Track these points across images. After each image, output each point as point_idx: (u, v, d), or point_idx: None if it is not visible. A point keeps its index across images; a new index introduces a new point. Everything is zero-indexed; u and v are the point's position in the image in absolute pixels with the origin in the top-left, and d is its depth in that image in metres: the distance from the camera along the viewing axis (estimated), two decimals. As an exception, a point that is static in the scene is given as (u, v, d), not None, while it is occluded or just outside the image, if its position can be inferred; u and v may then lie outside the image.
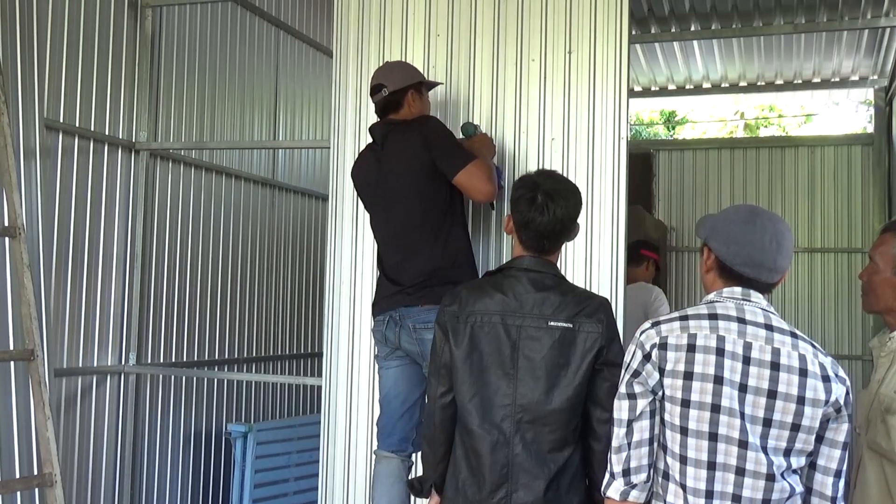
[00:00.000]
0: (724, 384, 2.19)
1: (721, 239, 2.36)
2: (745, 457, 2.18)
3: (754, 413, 2.19)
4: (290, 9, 7.17)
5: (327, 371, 4.33)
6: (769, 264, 2.32)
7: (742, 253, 2.31)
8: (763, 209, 2.41)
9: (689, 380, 2.22)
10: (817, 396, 2.19)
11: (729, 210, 2.44)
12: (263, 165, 6.85)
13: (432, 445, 2.89)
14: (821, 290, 8.16)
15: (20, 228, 4.00)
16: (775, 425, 2.18)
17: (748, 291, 2.33)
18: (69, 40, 4.97)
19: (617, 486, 2.34)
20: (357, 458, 4.22)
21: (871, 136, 8.28)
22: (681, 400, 2.23)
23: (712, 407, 2.20)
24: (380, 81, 3.77)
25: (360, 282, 4.28)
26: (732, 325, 2.25)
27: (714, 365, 2.21)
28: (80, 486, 5.04)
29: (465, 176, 3.50)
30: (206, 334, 6.11)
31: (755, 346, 2.22)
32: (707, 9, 6.47)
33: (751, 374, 2.20)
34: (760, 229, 2.32)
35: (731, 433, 2.18)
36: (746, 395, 2.19)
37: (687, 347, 2.24)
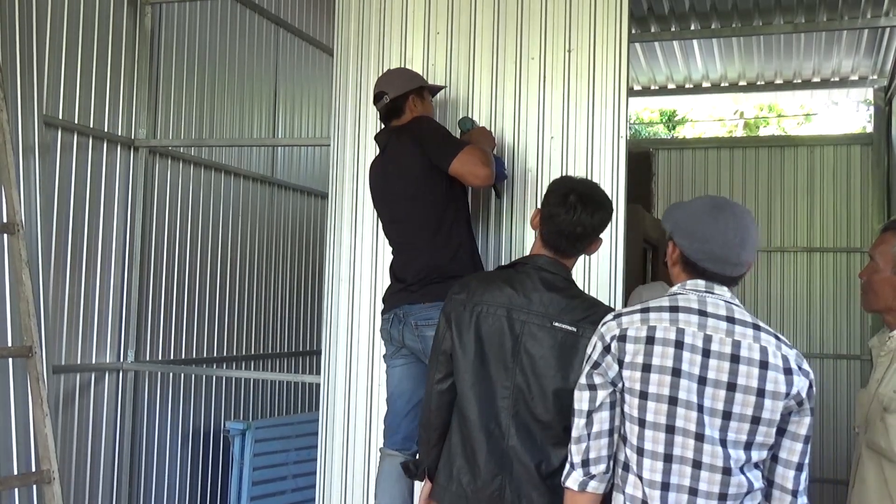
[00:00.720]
0: (682, 377, 2.20)
1: (685, 234, 2.35)
2: (702, 450, 2.18)
3: (713, 406, 2.18)
4: (290, 6, 7.16)
5: (326, 369, 4.33)
6: (733, 259, 2.31)
7: (705, 249, 2.31)
8: (728, 202, 2.39)
9: (647, 372, 2.23)
10: (777, 389, 2.19)
11: (694, 203, 2.42)
12: (263, 163, 6.85)
13: (427, 429, 2.92)
14: (820, 289, 8.16)
15: (19, 225, 4.00)
16: (735, 418, 2.18)
17: (711, 284, 2.33)
18: (68, 37, 4.96)
19: (576, 477, 2.35)
20: (355, 455, 4.22)
21: (870, 136, 8.28)
22: (639, 392, 2.24)
23: (669, 399, 2.20)
24: (381, 89, 3.81)
25: (359, 279, 4.28)
26: (693, 318, 2.25)
27: (672, 357, 2.21)
28: (79, 483, 5.04)
29: (458, 164, 3.50)
30: (205, 331, 6.10)
31: (715, 339, 2.22)
32: (707, 8, 6.47)
33: (710, 366, 2.20)
34: (724, 225, 2.30)
35: (688, 426, 2.19)
36: (706, 388, 2.19)
37: (646, 340, 2.25)
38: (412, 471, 3.06)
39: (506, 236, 4.05)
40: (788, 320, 8.15)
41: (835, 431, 7.95)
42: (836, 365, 8.05)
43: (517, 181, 4.05)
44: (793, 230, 8.23)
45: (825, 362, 8.06)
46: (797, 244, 8.21)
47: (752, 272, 8.21)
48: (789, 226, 8.23)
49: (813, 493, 7.62)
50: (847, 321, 8.06)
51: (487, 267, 3.94)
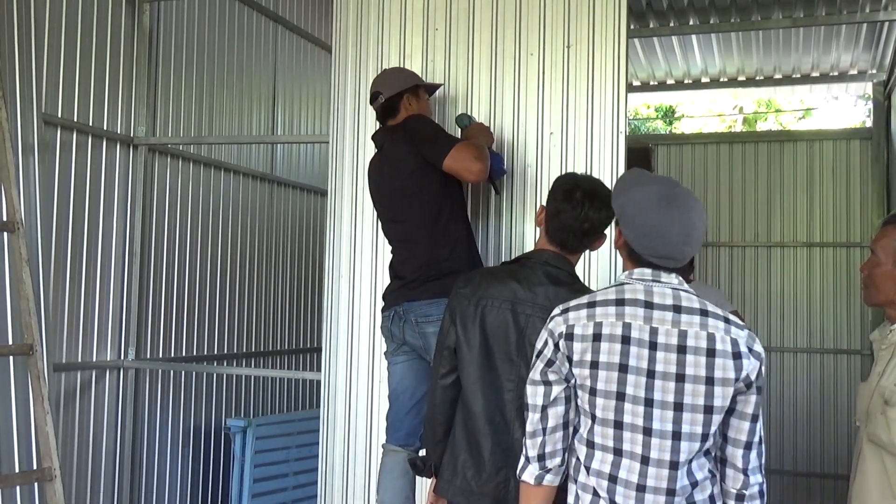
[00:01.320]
0: (629, 372, 2.20)
1: (630, 226, 2.32)
2: (650, 444, 2.18)
3: (664, 398, 2.18)
4: (289, 4, 7.16)
5: (326, 366, 4.33)
6: (676, 256, 2.29)
7: (649, 245, 2.29)
8: (677, 194, 2.32)
9: (595, 369, 2.24)
10: (726, 375, 2.19)
11: (642, 191, 2.33)
12: (262, 160, 6.85)
13: (432, 425, 2.93)
14: (820, 284, 8.15)
15: (19, 223, 4.00)
16: (687, 409, 2.18)
17: (658, 272, 2.31)
18: (67, 35, 4.96)
19: (532, 471, 2.36)
20: (356, 452, 4.22)
21: (869, 131, 8.27)
22: (589, 388, 2.26)
23: (617, 395, 2.21)
24: (377, 89, 3.83)
25: (359, 277, 4.28)
26: (639, 311, 2.24)
27: (619, 353, 2.21)
28: (80, 481, 5.04)
29: (451, 160, 3.50)
30: (206, 329, 6.11)
31: (661, 331, 2.22)
32: (705, 3, 6.47)
33: (657, 359, 2.20)
34: (669, 221, 2.26)
35: (635, 421, 2.19)
36: (655, 381, 2.19)
37: (592, 337, 2.25)
38: (420, 467, 3.07)
39: (505, 232, 4.05)
40: (788, 315, 8.16)
41: (835, 426, 7.95)
42: (836, 360, 8.05)
43: (516, 177, 4.05)
44: (792, 225, 8.23)
45: (825, 357, 8.06)
46: (797, 239, 8.21)
47: (753, 267, 8.25)
48: (789, 221, 8.23)
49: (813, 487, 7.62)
50: (847, 316, 8.05)
51: (486, 263, 3.94)
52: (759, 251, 8.28)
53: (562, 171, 3.97)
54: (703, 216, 2.34)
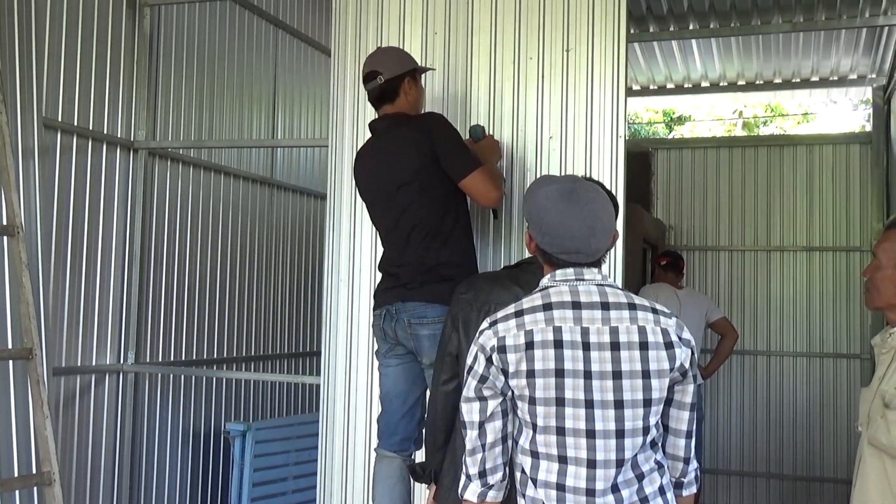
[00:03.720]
0: (565, 376, 2.18)
1: (536, 227, 2.33)
2: (595, 447, 2.17)
3: (604, 398, 2.17)
4: (289, 7, 7.17)
5: (326, 370, 4.33)
6: (584, 250, 2.28)
7: (555, 242, 2.29)
8: (575, 188, 2.32)
9: (531, 377, 2.20)
10: (661, 367, 2.21)
11: (542, 193, 2.34)
12: (262, 164, 6.85)
13: (433, 431, 2.91)
14: (819, 288, 8.16)
15: (19, 227, 4.01)
16: (628, 405, 2.18)
17: (581, 270, 2.30)
18: (67, 39, 4.96)
19: (474, 489, 2.32)
20: (355, 456, 4.22)
21: (869, 135, 8.27)
22: (528, 398, 2.21)
23: (556, 401, 2.18)
24: (374, 68, 3.65)
25: (359, 280, 4.28)
26: (568, 313, 2.22)
27: (554, 359, 2.19)
28: (79, 485, 5.04)
29: (472, 181, 3.47)
30: (205, 333, 6.11)
31: (592, 330, 2.20)
32: (705, 7, 6.47)
33: (592, 359, 2.18)
34: (569, 216, 2.26)
35: (577, 425, 2.17)
36: (593, 382, 2.18)
37: (525, 346, 2.21)
38: (419, 473, 3.05)
39: (504, 237, 4.05)
40: (788, 320, 8.16)
41: (834, 431, 7.95)
42: (836, 364, 8.05)
43: (515, 181, 4.05)
44: (792, 229, 8.23)
45: (825, 361, 8.06)
46: (796, 243, 8.21)
47: (752, 271, 8.25)
48: (788, 225, 8.24)
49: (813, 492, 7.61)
50: (847, 320, 8.06)
51: (483, 268, 3.92)
52: (759, 255, 8.28)
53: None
54: (606, 206, 2.33)
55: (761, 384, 8.17)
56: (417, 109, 3.74)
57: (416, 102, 3.73)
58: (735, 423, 8.13)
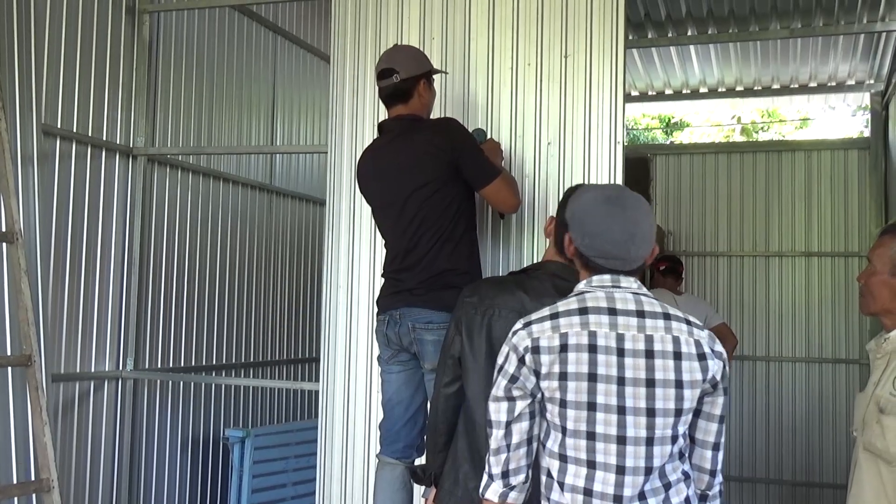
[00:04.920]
0: (598, 381, 2.18)
1: (577, 229, 2.34)
2: (625, 453, 2.17)
3: (636, 405, 2.17)
4: (288, 14, 7.18)
5: (324, 376, 4.33)
6: (622, 256, 2.28)
7: (595, 245, 2.29)
8: (621, 195, 2.35)
9: (564, 380, 2.20)
10: (694, 378, 2.20)
11: (585, 197, 2.38)
12: (261, 170, 6.86)
13: (434, 434, 2.91)
14: (818, 293, 8.16)
15: (18, 234, 4.01)
16: (659, 414, 2.17)
17: (617, 277, 2.30)
18: (67, 45, 4.97)
19: (495, 489, 2.31)
20: (354, 463, 4.22)
21: (867, 141, 8.29)
22: (559, 400, 2.21)
23: (588, 405, 2.18)
24: (391, 65, 3.58)
25: (357, 287, 4.28)
26: (603, 319, 2.22)
27: (587, 363, 2.19)
28: (78, 492, 5.03)
29: (493, 189, 3.49)
30: (204, 339, 6.11)
31: (628, 337, 2.20)
32: (703, 13, 6.49)
33: (626, 365, 2.19)
34: (611, 220, 2.28)
35: (608, 430, 2.18)
36: (625, 388, 2.18)
37: (559, 349, 2.22)
38: (420, 476, 3.05)
39: (503, 243, 4.05)
40: (786, 325, 8.16)
41: (834, 436, 7.95)
42: (834, 369, 8.05)
43: (515, 187, 4.05)
44: (790, 235, 8.24)
45: (823, 367, 8.06)
46: (795, 249, 8.22)
47: (751, 276, 8.25)
48: (787, 230, 8.25)
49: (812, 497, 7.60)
50: (845, 325, 8.06)
51: (485, 272, 3.93)
52: (758, 261, 8.29)
53: (559, 181, 3.98)
54: (649, 217, 2.34)
55: (760, 390, 8.17)
56: (429, 112, 3.71)
57: (429, 105, 3.69)
58: (734, 429, 8.12)
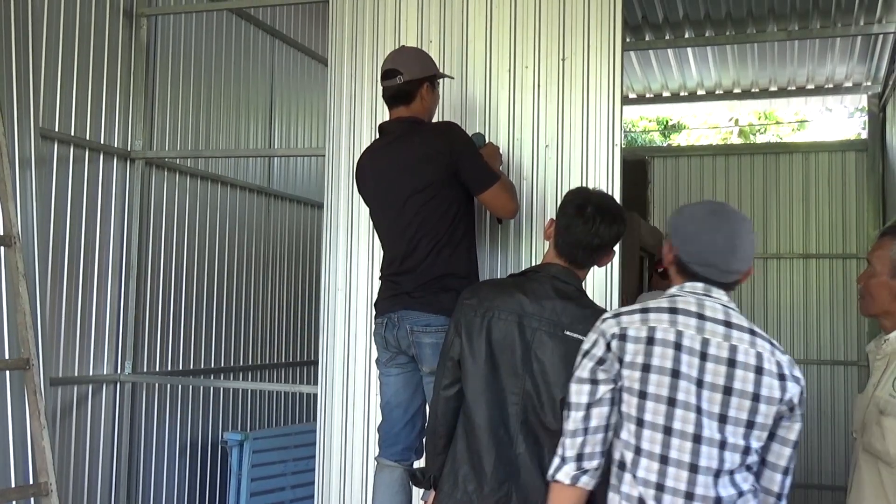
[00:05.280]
0: (681, 378, 2.22)
1: (680, 236, 2.39)
2: (699, 452, 2.20)
3: (710, 409, 2.21)
4: (285, 18, 7.18)
5: (323, 379, 4.33)
6: (722, 266, 2.34)
7: (695, 252, 2.35)
8: (726, 209, 2.44)
9: (646, 372, 2.25)
10: (772, 394, 2.22)
11: (693, 207, 2.47)
12: (259, 173, 6.86)
13: (433, 436, 2.91)
14: (816, 295, 8.17)
15: (16, 237, 4.01)
16: (731, 422, 2.21)
17: (709, 287, 2.35)
18: (64, 49, 4.97)
19: (567, 471, 2.33)
20: (353, 465, 4.22)
21: (864, 143, 8.31)
22: (638, 391, 2.26)
23: (668, 400, 2.23)
24: (395, 66, 3.58)
25: (355, 289, 4.28)
26: (691, 321, 2.27)
27: (672, 359, 2.24)
28: (76, 496, 5.03)
29: (492, 194, 3.50)
30: (202, 343, 6.10)
31: (713, 343, 2.25)
32: (701, 16, 6.50)
33: (707, 370, 2.23)
34: (715, 230, 2.35)
35: (685, 427, 2.21)
36: (703, 391, 2.22)
37: (646, 340, 2.27)
38: (419, 479, 3.05)
39: (500, 245, 4.05)
40: (785, 326, 8.16)
41: (832, 438, 7.95)
42: (832, 371, 8.06)
43: (513, 190, 4.05)
44: (788, 237, 8.25)
45: (822, 368, 8.07)
46: (793, 251, 8.22)
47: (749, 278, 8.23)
48: (785, 232, 8.25)
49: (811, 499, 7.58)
50: (843, 327, 8.07)
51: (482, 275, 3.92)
52: (756, 263, 8.24)
53: (557, 184, 3.99)
54: (751, 234, 2.40)
55: (759, 391, 8.15)
56: (431, 115, 3.71)
57: (431, 108, 3.69)
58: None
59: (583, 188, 3.01)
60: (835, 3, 6.13)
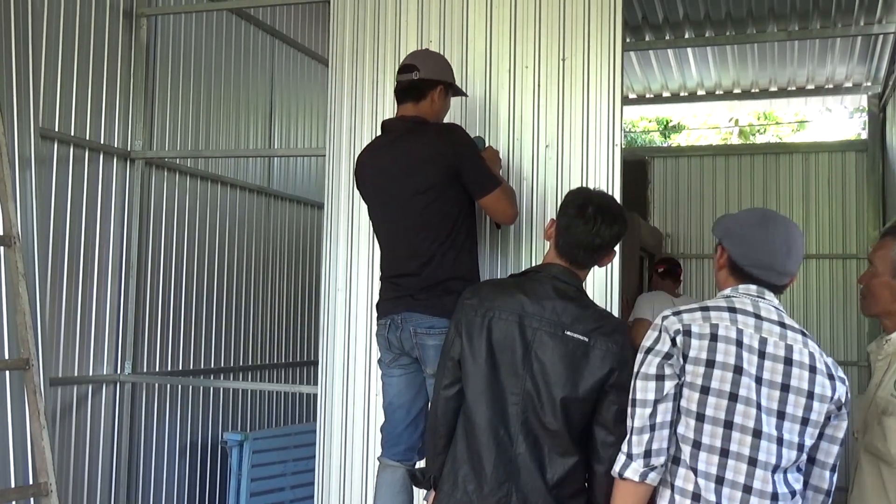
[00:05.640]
0: (742, 374, 2.29)
1: (734, 240, 2.48)
2: (759, 447, 2.26)
3: (769, 405, 2.28)
4: (286, 18, 7.18)
5: (323, 379, 4.33)
6: (778, 267, 2.43)
7: (752, 255, 2.44)
8: (776, 214, 2.54)
9: (710, 367, 2.31)
10: (825, 392, 2.31)
11: (744, 213, 2.59)
12: (259, 174, 6.86)
13: (433, 436, 2.90)
14: (816, 295, 8.17)
15: (15, 237, 4.01)
16: (788, 418, 2.28)
17: (762, 290, 2.44)
18: (64, 49, 4.97)
19: (636, 468, 2.35)
20: (353, 466, 4.22)
21: (864, 143, 8.31)
22: (700, 387, 2.31)
23: (730, 395, 2.28)
24: (414, 62, 3.60)
25: (356, 290, 4.28)
26: (750, 320, 2.35)
27: (734, 355, 2.30)
28: (76, 496, 5.02)
29: (492, 199, 3.50)
30: (202, 343, 6.10)
31: (770, 342, 2.33)
32: (701, 16, 6.50)
33: (765, 367, 2.30)
34: (772, 233, 2.45)
35: (746, 422, 2.27)
36: (762, 388, 2.29)
37: (710, 336, 2.33)
38: (419, 479, 3.05)
39: (501, 246, 4.05)
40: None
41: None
42: (833, 371, 8.05)
43: (513, 190, 4.05)
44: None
45: (822, 369, 8.06)
46: (794, 251, 8.21)
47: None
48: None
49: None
50: (843, 327, 8.07)
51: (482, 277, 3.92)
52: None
53: (557, 184, 3.98)
54: (801, 238, 2.51)
55: (759, 392, 8.16)
56: (437, 120, 3.69)
57: (439, 112, 3.68)
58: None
59: (584, 188, 3.00)
60: (835, 4, 6.14)
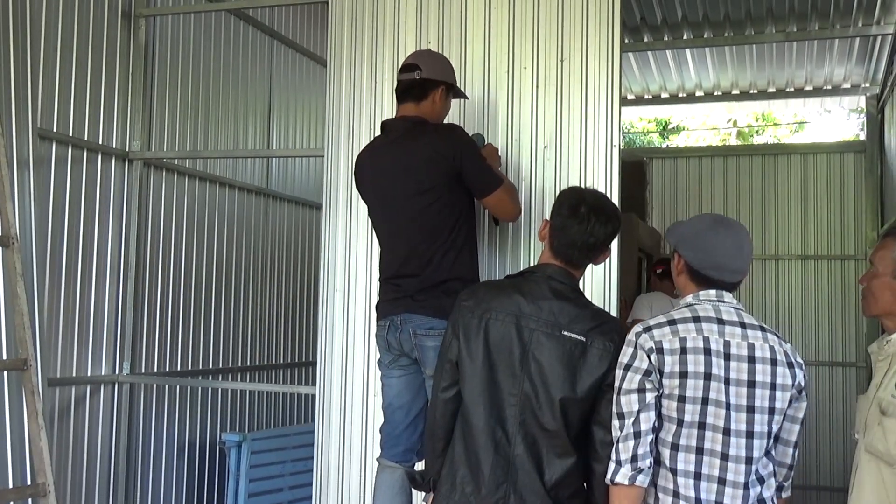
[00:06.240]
0: (712, 379, 2.49)
1: (689, 246, 2.66)
2: (729, 443, 2.47)
3: (738, 402, 2.48)
4: (284, 19, 7.18)
5: (321, 380, 4.33)
6: (732, 267, 2.63)
7: (707, 258, 2.62)
8: (725, 218, 2.76)
9: (684, 378, 2.49)
10: (786, 382, 2.53)
11: (694, 220, 2.77)
12: (257, 174, 6.85)
13: (432, 438, 2.90)
14: (814, 296, 8.18)
15: (14, 238, 4.01)
16: (757, 411, 2.49)
17: (721, 293, 2.63)
18: (62, 50, 4.96)
19: (625, 472, 2.50)
20: (351, 466, 4.22)
21: (862, 144, 8.32)
22: (677, 396, 2.50)
23: (703, 400, 2.48)
24: (416, 62, 3.61)
25: (354, 290, 4.28)
26: (713, 326, 2.55)
27: (703, 363, 2.49)
28: (74, 496, 5.02)
29: (495, 198, 3.52)
30: (201, 343, 6.10)
31: (733, 344, 2.53)
32: (699, 17, 6.51)
33: (731, 368, 2.50)
34: (723, 236, 2.63)
35: (717, 422, 2.47)
36: (731, 388, 2.49)
37: (679, 350, 2.51)
38: (418, 481, 3.04)
39: (499, 246, 4.05)
40: (783, 328, 8.16)
41: (831, 439, 7.96)
42: (830, 372, 8.06)
43: (511, 190, 4.05)
44: (786, 238, 8.26)
45: (820, 370, 8.07)
46: (791, 252, 8.23)
47: (747, 280, 8.22)
48: (783, 233, 8.26)
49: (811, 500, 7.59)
50: (841, 328, 8.08)
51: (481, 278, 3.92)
52: (754, 264, 8.28)
53: (556, 185, 3.99)
54: (749, 237, 2.71)
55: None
56: (438, 121, 3.68)
57: (440, 113, 3.68)
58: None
59: (576, 188, 3.00)
60: (833, 5, 6.14)
